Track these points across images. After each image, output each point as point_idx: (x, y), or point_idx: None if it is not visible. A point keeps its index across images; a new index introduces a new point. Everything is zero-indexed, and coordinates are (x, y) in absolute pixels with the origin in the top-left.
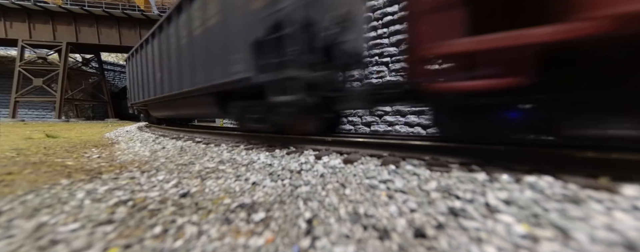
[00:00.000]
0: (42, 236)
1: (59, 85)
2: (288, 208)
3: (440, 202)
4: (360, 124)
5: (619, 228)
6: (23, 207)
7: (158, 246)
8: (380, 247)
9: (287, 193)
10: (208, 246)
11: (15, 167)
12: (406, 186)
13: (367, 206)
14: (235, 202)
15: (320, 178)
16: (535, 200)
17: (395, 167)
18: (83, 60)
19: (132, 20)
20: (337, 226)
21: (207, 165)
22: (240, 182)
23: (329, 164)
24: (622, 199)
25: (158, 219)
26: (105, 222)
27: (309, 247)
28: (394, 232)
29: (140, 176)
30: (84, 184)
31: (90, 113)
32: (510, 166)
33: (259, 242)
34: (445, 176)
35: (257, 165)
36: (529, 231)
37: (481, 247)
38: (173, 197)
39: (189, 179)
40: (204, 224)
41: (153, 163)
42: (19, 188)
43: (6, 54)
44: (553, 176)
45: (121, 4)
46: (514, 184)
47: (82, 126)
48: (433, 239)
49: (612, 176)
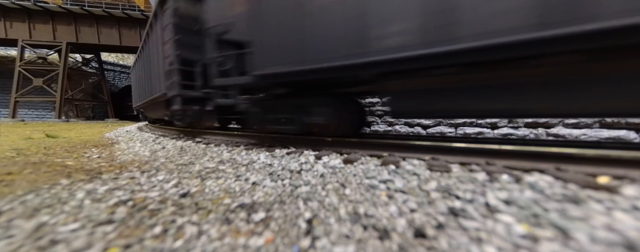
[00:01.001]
0: (42, 236)
1: (59, 85)
2: (288, 208)
3: (440, 202)
4: None
5: (619, 228)
6: (23, 207)
7: (158, 246)
8: (380, 247)
9: (287, 193)
10: (208, 246)
11: (15, 167)
12: (406, 186)
13: (367, 206)
14: (235, 202)
15: (320, 178)
16: (535, 200)
17: (395, 167)
18: (83, 60)
19: (132, 20)
20: (337, 226)
21: (207, 165)
22: (240, 182)
23: (328, 164)
24: (622, 199)
25: (158, 219)
26: (105, 222)
27: (309, 247)
28: (394, 232)
29: (140, 176)
30: (84, 184)
31: (90, 113)
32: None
33: (259, 242)
34: (445, 176)
35: (257, 165)
36: (529, 231)
37: (481, 247)
38: (173, 197)
39: (189, 179)
40: (204, 224)
41: (153, 163)
42: (19, 188)
43: (6, 54)
44: (553, 176)
45: (121, 4)
46: (514, 184)
47: (82, 126)
48: (433, 239)
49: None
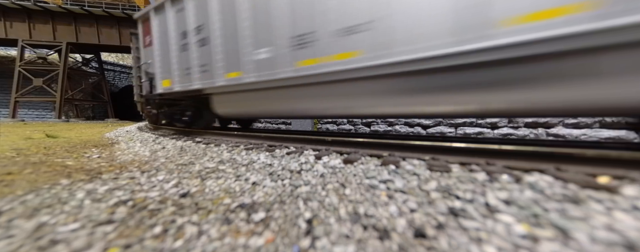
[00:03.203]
0: (42, 236)
1: (59, 85)
2: (288, 208)
3: (440, 202)
4: (360, 124)
5: (619, 228)
6: (23, 207)
7: (158, 246)
8: (380, 247)
9: (287, 193)
10: (208, 246)
11: (15, 167)
12: (406, 186)
13: (367, 206)
14: (235, 202)
15: (320, 178)
16: (535, 200)
17: (395, 167)
18: (83, 60)
19: (132, 20)
20: (337, 226)
21: (207, 165)
22: (240, 182)
23: (329, 164)
24: (622, 199)
25: (158, 219)
26: (105, 222)
27: (309, 247)
28: (394, 232)
29: (140, 175)
30: (84, 184)
31: (90, 113)
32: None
33: (259, 242)
34: (445, 176)
35: (257, 165)
36: (529, 230)
37: (481, 247)
38: (173, 197)
39: (189, 179)
40: (204, 224)
41: (153, 163)
42: (19, 188)
43: (6, 54)
44: (553, 176)
45: (121, 4)
46: (514, 184)
47: (82, 126)
48: (433, 239)
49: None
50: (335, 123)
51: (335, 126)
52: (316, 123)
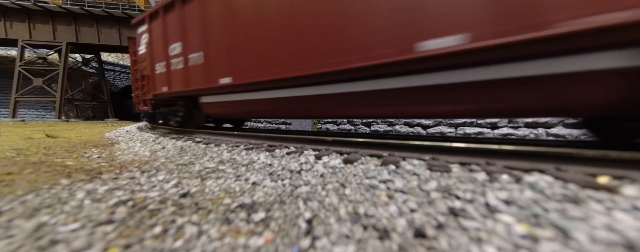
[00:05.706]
0: (42, 236)
1: (59, 85)
2: (288, 208)
3: (440, 202)
4: (360, 124)
5: (619, 228)
6: (23, 207)
7: (158, 246)
8: (380, 247)
9: (287, 193)
10: (208, 246)
11: (15, 167)
12: (406, 185)
13: (367, 206)
14: (235, 202)
15: (320, 178)
16: (535, 200)
17: (395, 167)
18: (83, 60)
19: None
20: (337, 226)
21: (207, 165)
22: (240, 182)
23: (329, 164)
24: (622, 199)
25: (158, 219)
26: (105, 222)
27: (309, 247)
28: (394, 232)
29: (140, 175)
30: (84, 184)
31: (90, 113)
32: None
33: (259, 242)
34: (445, 176)
35: (257, 165)
36: (529, 230)
37: (481, 247)
38: (173, 197)
39: (189, 179)
40: (204, 224)
41: (153, 163)
42: (19, 188)
43: (6, 54)
44: (553, 176)
45: (121, 4)
46: (513, 184)
47: (82, 126)
48: (433, 239)
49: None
50: (335, 123)
51: (335, 125)
52: (316, 123)
